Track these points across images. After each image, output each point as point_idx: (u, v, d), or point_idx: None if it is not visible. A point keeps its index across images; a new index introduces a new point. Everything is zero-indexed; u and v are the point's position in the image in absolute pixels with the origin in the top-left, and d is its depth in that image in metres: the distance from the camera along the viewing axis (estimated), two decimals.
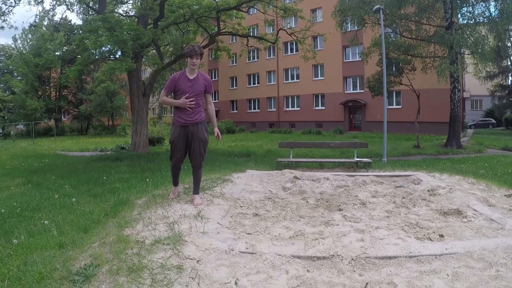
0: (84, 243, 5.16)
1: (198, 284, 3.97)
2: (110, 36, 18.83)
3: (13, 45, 63.52)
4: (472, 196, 7.71)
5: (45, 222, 6.16)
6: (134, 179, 11.27)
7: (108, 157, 20.01)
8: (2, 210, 7.44)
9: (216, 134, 7.81)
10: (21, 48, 60.70)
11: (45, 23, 60.20)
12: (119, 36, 18.80)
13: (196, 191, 7.42)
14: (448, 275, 4.09)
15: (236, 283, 4.01)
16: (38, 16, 26.76)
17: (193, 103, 6.98)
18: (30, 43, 60.62)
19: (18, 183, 12.05)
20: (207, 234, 5.49)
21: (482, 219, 6.18)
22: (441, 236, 5.30)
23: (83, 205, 7.50)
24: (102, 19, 19.50)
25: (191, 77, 7.03)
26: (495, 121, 63.99)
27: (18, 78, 60.36)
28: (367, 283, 3.99)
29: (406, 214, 6.72)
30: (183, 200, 7.47)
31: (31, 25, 50.01)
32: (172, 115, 7.45)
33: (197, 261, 4.48)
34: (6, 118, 62.42)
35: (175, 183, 7.81)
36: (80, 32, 23.19)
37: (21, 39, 61.67)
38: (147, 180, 10.20)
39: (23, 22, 79.41)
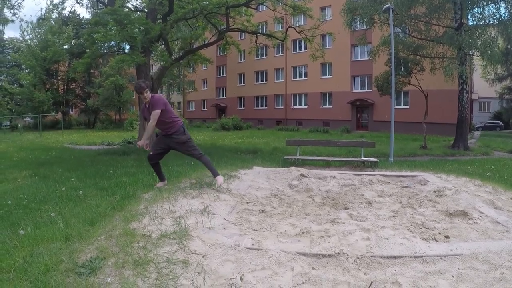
0: (91, 236, 5.19)
1: (204, 279, 3.98)
2: (119, 31, 18.82)
3: (21, 38, 63.70)
4: (478, 198, 7.69)
5: (52, 214, 6.20)
6: (141, 173, 11.30)
7: (115, 151, 20.02)
8: (9, 202, 7.49)
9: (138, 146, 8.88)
10: (29, 42, 60.77)
11: (54, 16, 60.39)
12: (128, 32, 18.80)
13: (213, 174, 8.40)
14: (452, 276, 4.09)
15: (241, 279, 4.02)
16: (46, 10, 26.68)
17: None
18: (38, 36, 60.66)
19: (25, 175, 12.09)
20: (213, 229, 5.50)
21: (487, 221, 6.18)
22: (447, 237, 5.30)
23: (89, 198, 7.54)
24: (111, 11, 19.49)
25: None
26: (502, 124, 63.69)
27: (26, 71, 60.45)
28: (372, 282, 3.99)
29: (412, 214, 6.71)
30: (189, 195, 7.47)
31: (39, 18, 50.14)
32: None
33: (203, 256, 4.50)
34: (13, 110, 62.54)
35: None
36: (89, 25, 23.12)
37: (28, 32, 61.90)
38: (154, 174, 10.19)
39: (31, 16, 79.75)
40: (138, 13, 24.40)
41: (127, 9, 22.75)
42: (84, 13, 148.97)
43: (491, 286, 3.88)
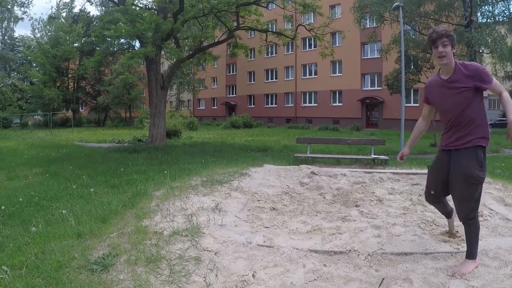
0: (102, 233, 5.21)
1: (216, 276, 4.00)
2: (131, 27, 18.87)
3: (32, 36, 63.98)
4: (488, 195, 7.68)
5: (63, 211, 6.22)
6: (152, 171, 11.33)
7: (125, 148, 20.09)
8: (20, 199, 7.53)
9: None
10: (40, 39, 60.93)
11: (64, 14, 60.55)
12: (139, 28, 18.84)
13: (468, 252, 4.38)
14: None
15: (253, 276, 4.04)
16: (57, 8, 26.79)
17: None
18: (49, 34, 60.83)
19: (36, 173, 12.16)
20: (225, 226, 5.53)
21: (498, 218, 6.19)
22: (457, 234, 5.29)
23: (101, 196, 7.57)
24: (122, 10, 19.54)
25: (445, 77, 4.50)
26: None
27: (37, 68, 60.63)
28: (383, 279, 4.00)
29: (422, 211, 6.71)
30: (201, 192, 7.50)
31: (50, 16, 50.29)
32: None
33: (215, 253, 4.52)
34: (24, 108, 62.80)
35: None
36: (101, 23, 23.20)
37: (39, 30, 62.07)
38: (165, 172, 10.23)
39: (42, 14, 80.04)
40: (149, 11, 24.44)
41: (138, 8, 22.81)
42: (94, 11, 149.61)
43: (501, 282, 3.89)
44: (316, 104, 54.63)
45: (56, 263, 4.18)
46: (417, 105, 42.53)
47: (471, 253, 4.27)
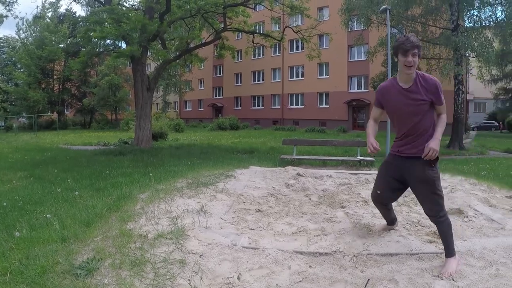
0: (87, 237, 5.18)
1: (201, 279, 3.99)
2: (116, 28, 18.80)
3: (16, 37, 63.51)
4: (473, 196, 7.76)
5: (48, 215, 6.17)
6: (137, 173, 11.29)
7: (111, 151, 19.97)
8: (4, 204, 7.45)
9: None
10: (25, 40, 60.48)
11: (49, 14, 60.13)
12: (125, 28, 18.79)
13: (446, 251, 4.46)
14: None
15: (238, 278, 4.04)
16: (42, 7, 26.63)
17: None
18: (34, 34, 60.42)
19: (20, 177, 12.04)
20: (210, 229, 5.52)
21: (483, 219, 6.26)
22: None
23: (85, 199, 7.53)
24: (108, 10, 19.47)
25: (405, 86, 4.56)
26: (498, 124, 63.99)
27: (21, 70, 60.17)
28: (368, 280, 4.02)
29: (407, 212, 6.77)
30: (186, 195, 7.49)
31: (35, 16, 49.91)
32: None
33: (200, 256, 4.52)
34: (8, 111, 62.34)
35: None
36: (86, 23, 23.12)
37: (24, 31, 61.57)
38: (150, 174, 10.22)
39: (26, 14, 79.48)
40: (135, 11, 24.36)
41: (124, 8, 22.73)
42: (80, 11, 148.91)
43: (486, 282, 3.93)
44: (303, 106, 54.80)
45: (40, 269, 4.14)
46: None
47: (450, 251, 4.40)
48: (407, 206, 7.24)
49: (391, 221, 5.49)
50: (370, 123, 5.08)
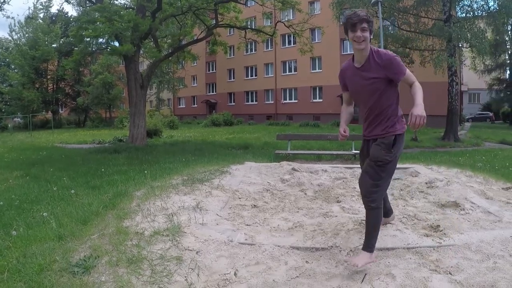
0: (83, 234, 5.18)
1: (198, 275, 3.99)
2: (109, 27, 18.75)
3: (9, 38, 63.17)
4: (469, 189, 7.73)
5: (44, 214, 6.17)
6: (133, 171, 11.31)
7: (106, 149, 19.96)
8: (1, 203, 7.45)
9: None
10: (18, 41, 60.20)
11: (41, 15, 59.86)
12: (118, 26, 18.74)
13: (365, 244, 4.31)
14: (446, 267, 4.12)
15: (235, 274, 4.04)
16: (34, 8, 26.53)
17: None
18: (27, 35, 60.14)
19: (16, 176, 12.03)
20: (206, 225, 5.51)
21: (479, 212, 6.22)
22: (439, 228, 5.33)
23: (81, 197, 7.53)
24: (100, 8, 19.41)
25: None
26: (492, 115, 64.19)
27: (15, 70, 59.89)
28: (365, 274, 4.02)
29: (404, 206, 6.75)
30: (181, 191, 7.48)
31: (27, 17, 49.68)
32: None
33: (197, 252, 4.51)
34: (3, 111, 62.08)
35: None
36: (79, 22, 23.02)
37: (16, 32, 61.26)
38: (145, 172, 10.21)
39: (18, 15, 79.10)
40: (127, 10, 24.29)
41: (116, 7, 22.66)
42: (72, 11, 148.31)
43: (484, 275, 3.91)
44: (296, 101, 54.77)
45: (37, 267, 4.15)
46: None
47: (369, 245, 4.24)
48: (403, 199, 7.24)
49: (386, 212, 5.13)
50: (342, 108, 4.98)
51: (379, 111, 4.35)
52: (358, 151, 12.99)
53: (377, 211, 4.24)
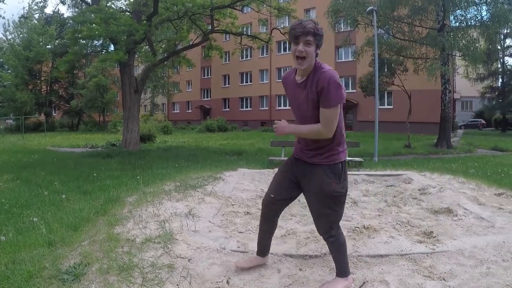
0: (74, 241, 5.12)
1: (190, 283, 3.95)
2: (104, 29, 18.72)
3: (3, 38, 63.01)
4: (462, 195, 7.81)
5: (34, 219, 6.10)
6: (125, 176, 11.26)
7: (98, 153, 19.91)
8: None
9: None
10: (12, 41, 59.97)
11: (36, 16, 59.74)
12: (113, 29, 18.71)
13: (338, 271, 4.06)
14: (439, 273, 4.12)
15: (228, 282, 4.00)
16: (29, 9, 26.47)
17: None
18: (21, 35, 59.98)
19: (6, 179, 11.93)
20: (198, 232, 5.47)
21: (472, 218, 6.27)
22: (432, 234, 5.33)
23: (72, 202, 7.47)
24: (96, 10, 19.39)
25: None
26: (484, 122, 64.74)
27: (9, 71, 59.66)
28: (364, 282, 3.99)
29: (397, 212, 6.77)
30: (174, 198, 7.45)
31: (21, 16, 49.54)
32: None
33: (189, 260, 4.46)
34: None
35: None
36: (75, 23, 23.00)
37: (11, 32, 61.01)
38: (138, 177, 10.16)
39: (12, 15, 78.88)
40: (123, 13, 24.29)
41: (112, 9, 22.64)
42: (67, 13, 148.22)
43: (477, 281, 3.92)
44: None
45: (26, 273, 4.08)
46: (391, 107, 43.21)
47: (341, 271, 3.97)
48: (397, 206, 7.26)
49: (264, 248, 4.38)
50: None
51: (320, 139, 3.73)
52: (351, 158, 12.78)
53: (338, 240, 3.94)
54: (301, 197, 7.89)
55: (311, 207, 3.97)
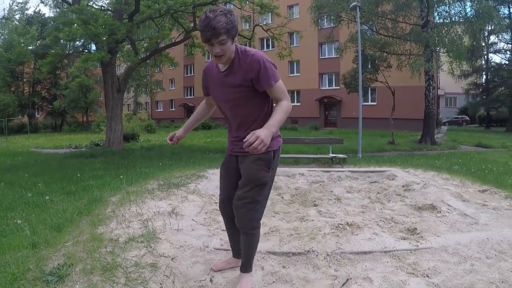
0: (58, 242, 5.09)
1: (173, 282, 3.94)
2: (84, 29, 18.59)
3: None
4: (446, 191, 7.82)
5: (18, 221, 6.06)
6: (109, 176, 11.22)
7: (82, 153, 19.82)
8: None
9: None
10: None
11: (17, 17, 59.20)
12: (93, 30, 18.57)
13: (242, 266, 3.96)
14: (423, 270, 4.13)
15: (211, 280, 3.99)
16: (9, 9, 26.19)
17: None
18: (2, 37, 59.44)
19: None
20: (181, 231, 5.46)
21: (456, 214, 6.29)
22: (416, 231, 5.35)
23: (56, 204, 7.43)
24: (76, 10, 19.24)
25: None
26: (468, 119, 65.19)
27: None
28: (347, 279, 4.00)
29: (381, 209, 6.79)
30: (157, 197, 7.43)
31: (2, 17, 49.04)
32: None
33: (172, 259, 4.46)
34: None
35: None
36: (55, 23, 22.79)
37: None
38: (121, 177, 10.13)
39: None
40: (104, 12, 24.12)
41: (93, 9, 22.48)
42: (49, 13, 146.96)
43: (461, 278, 3.93)
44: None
45: (11, 276, 4.05)
46: (375, 103, 43.32)
47: (248, 266, 3.88)
48: (380, 202, 7.30)
49: (238, 249, 4.12)
50: (198, 107, 4.56)
51: (250, 125, 3.60)
52: (335, 155, 12.84)
53: (256, 234, 3.78)
54: (285, 194, 7.94)
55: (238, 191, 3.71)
